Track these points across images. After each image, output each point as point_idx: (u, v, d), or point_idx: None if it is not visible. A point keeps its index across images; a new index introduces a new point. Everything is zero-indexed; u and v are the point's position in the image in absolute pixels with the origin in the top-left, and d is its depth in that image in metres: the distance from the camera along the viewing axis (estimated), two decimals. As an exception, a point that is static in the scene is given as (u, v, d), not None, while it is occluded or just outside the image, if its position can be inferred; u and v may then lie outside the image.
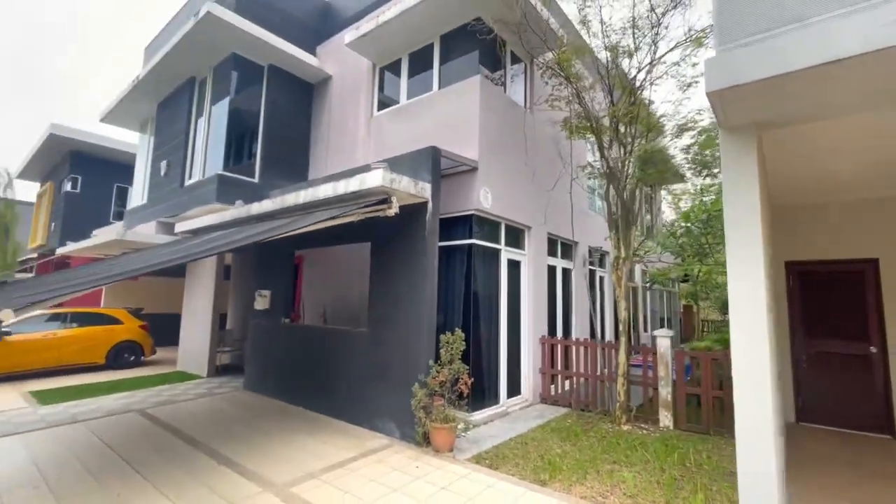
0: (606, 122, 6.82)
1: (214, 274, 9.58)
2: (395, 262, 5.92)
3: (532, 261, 7.66)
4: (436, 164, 5.71)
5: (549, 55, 6.96)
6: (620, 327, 6.52)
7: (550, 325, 8.14)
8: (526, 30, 6.58)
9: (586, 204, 9.91)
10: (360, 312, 8.20)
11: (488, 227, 6.85)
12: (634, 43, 6.35)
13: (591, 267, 9.84)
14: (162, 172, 10.01)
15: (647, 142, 6.60)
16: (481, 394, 6.40)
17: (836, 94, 2.46)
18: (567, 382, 7.68)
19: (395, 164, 5.75)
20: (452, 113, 6.88)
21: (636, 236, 6.81)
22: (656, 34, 6.22)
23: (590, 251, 9.74)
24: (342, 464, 4.68)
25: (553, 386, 7.57)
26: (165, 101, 10.62)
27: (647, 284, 12.84)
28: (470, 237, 6.44)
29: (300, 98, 9.51)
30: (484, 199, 6.50)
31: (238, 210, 7.13)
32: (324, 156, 9.23)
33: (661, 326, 16.91)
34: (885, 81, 2.24)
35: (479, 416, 6.19)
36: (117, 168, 16.99)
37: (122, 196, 17.52)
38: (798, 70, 2.13)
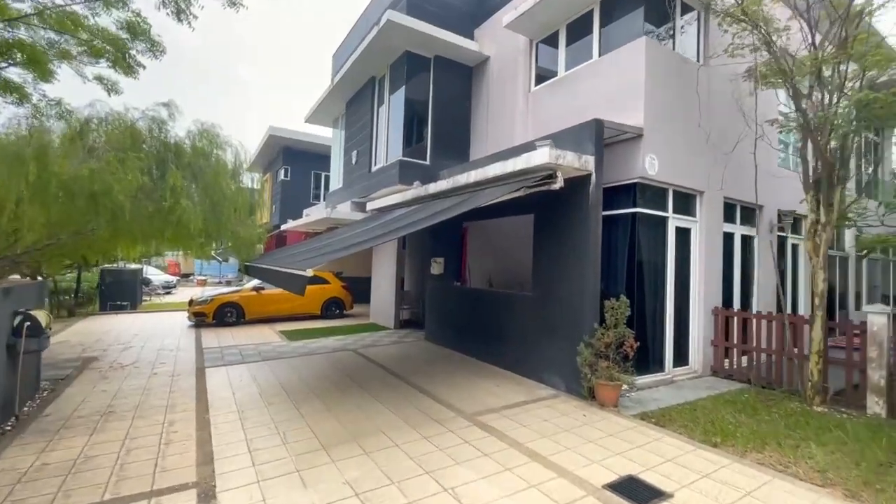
0: (804, 65, 5.92)
1: (396, 244, 11.37)
2: (558, 232, 6.35)
3: (704, 228, 7.21)
4: (599, 137, 5.87)
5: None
6: (816, 301, 5.81)
7: (725, 296, 7.59)
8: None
9: (775, 162, 8.64)
10: (521, 277, 8.90)
11: (654, 194, 6.70)
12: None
13: (780, 233, 8.66)
14: (353, 161, 12.10)
15: (862, 83, 5.52)
16: (645, 360, 6.50)
17: None
18: (744, 358, 7.16)
19: (557, 140, 6.09)
20: (615, 79, 6.80)
21: (846, 196, 5.86)
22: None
23: (779, 216, 8.55)
24: (517, 405, 5.49)
25: (727, 360, 7.17)
26: (352, 99, 12.65)
27: (863, 252, 10.61)
28: (634, 206, 6.44)
29: (461, 82, 10.34)
30: (650, 166, 6.38)
31: (417, 190, 8.38)
32: (483, 135, 9.96)
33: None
34: None
35: (641, 380, 6.33)
36: (313, 158, 20.68)
37: (318, 181, 21.38)
38: None
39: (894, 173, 12.87)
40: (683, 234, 7.12)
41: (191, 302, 12.08)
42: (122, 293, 15.39)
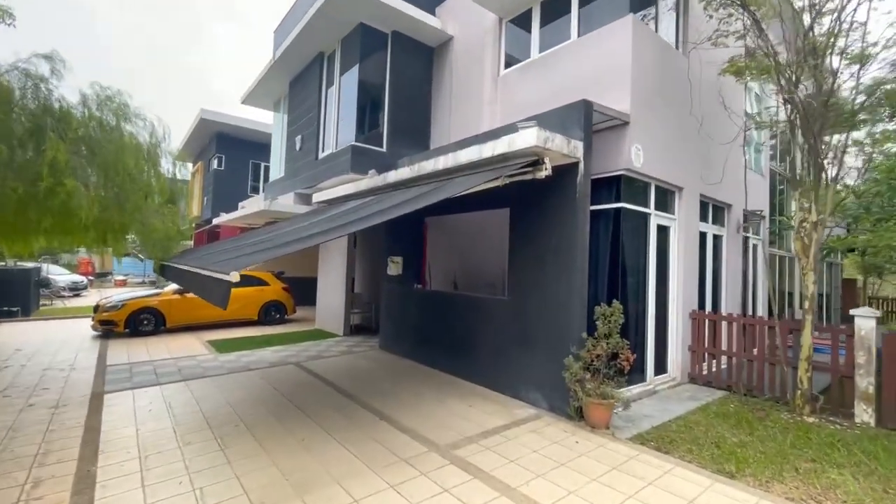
0: (786, 57, 5.62)
1: (346, 241, 10.21)
2: (539, 229, 5.60)
3: (683, 226, 6.80)
4: (588, 120, 5.18)
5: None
6: (806, 304, 5.51)
7: (699, 298, 7.27)
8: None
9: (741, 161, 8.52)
10: (491, 278, 8.12)
11: (637, 188, 6.16)
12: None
13: (744, 234, 8.55)
14: (297, 147, 10.76)
15: (859, 73, 5.28)
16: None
17: None
18: (722, 362, 6.86)
19: (540, 123, 5.33)
20: (597, 62, 6.18)
21: (833, 195, 5.61)
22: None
23: (745, 216, 8.42)
24: (496, 430, 4.66)
25: (704, 365, 6.82)
26: (296, 78, 11.27)
27: (827, 253, 10.99)
28: (618, 200, 5.85)
29: (422, 63, 9.39)
30: (636, 157, 5.81)
31: (373, 179, 7.34)
32: (445, 122, 9.08)
33: (820, 304, 14.56)
34: None
35: (626, 393, 5.76)
36: (251, 146, 18.80)
37: (256, 171, 19.49)
38: None
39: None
40: (662, 233, 6.66)
41: (96, 308, 10.15)
42: (10, 297, 12.86)
